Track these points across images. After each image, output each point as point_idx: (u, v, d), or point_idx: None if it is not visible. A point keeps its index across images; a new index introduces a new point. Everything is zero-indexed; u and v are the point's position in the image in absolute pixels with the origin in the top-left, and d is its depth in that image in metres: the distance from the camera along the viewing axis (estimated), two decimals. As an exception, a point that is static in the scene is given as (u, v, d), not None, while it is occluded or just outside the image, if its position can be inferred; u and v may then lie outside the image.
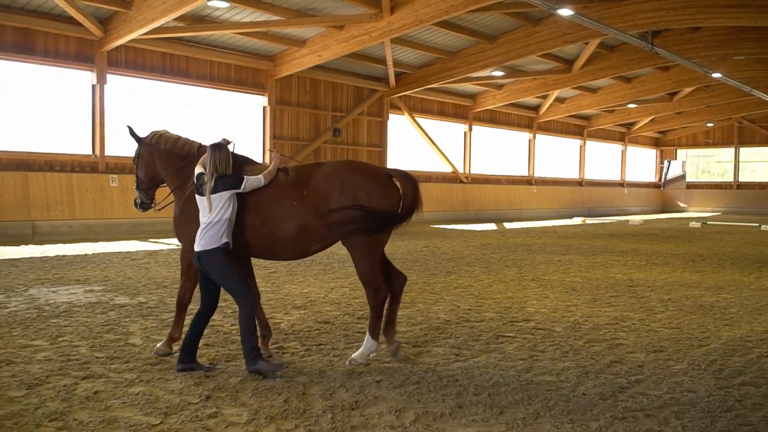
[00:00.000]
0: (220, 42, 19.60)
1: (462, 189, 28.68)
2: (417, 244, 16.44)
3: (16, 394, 4.67)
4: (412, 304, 8.42)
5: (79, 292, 8.70)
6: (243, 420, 4.29)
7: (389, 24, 17.76)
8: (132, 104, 18.34)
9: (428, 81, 24.00)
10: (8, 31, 15.64)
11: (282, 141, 21.79)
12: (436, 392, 4.90)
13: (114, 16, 16.47)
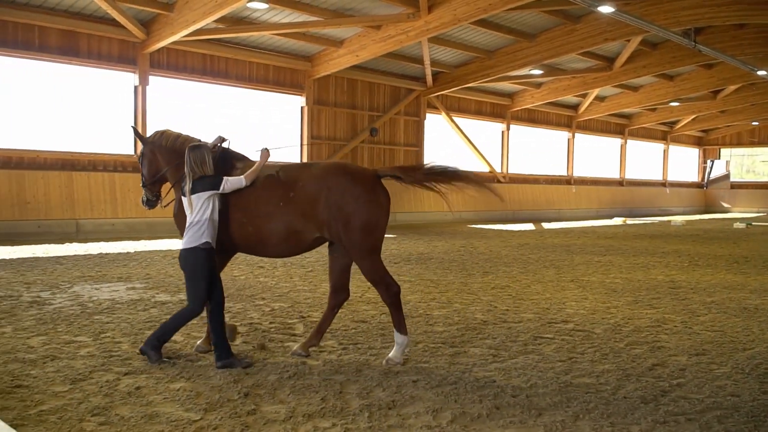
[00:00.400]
0: (259, 43, 19.80)
1: (499, 189, 28.35)
2: (454, 243, 16.38)
3: (60, 389, 4.78)
4: (449, 304, 8.39)
5: (122, 290, 8.87)
6: (281, 417, 4.32)
7: (427, 23, 17.73)
8: (173, 105, 18.63)
9: (465, 80, 23.89)
10: (53, 33, 16.03)
11: (319, 141, 21.92)
12: (473, 393, 4.88)
13: (156, 19, 16.76)
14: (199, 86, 19.12)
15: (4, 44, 15.29)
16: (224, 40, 18.99)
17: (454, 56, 23.28)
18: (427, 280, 10.37)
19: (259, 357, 5.73)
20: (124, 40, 17.09)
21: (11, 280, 9.31)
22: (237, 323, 6.96)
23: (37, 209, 15.52)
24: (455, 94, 26.38)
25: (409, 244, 15.91)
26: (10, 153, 15.55)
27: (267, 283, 9.69)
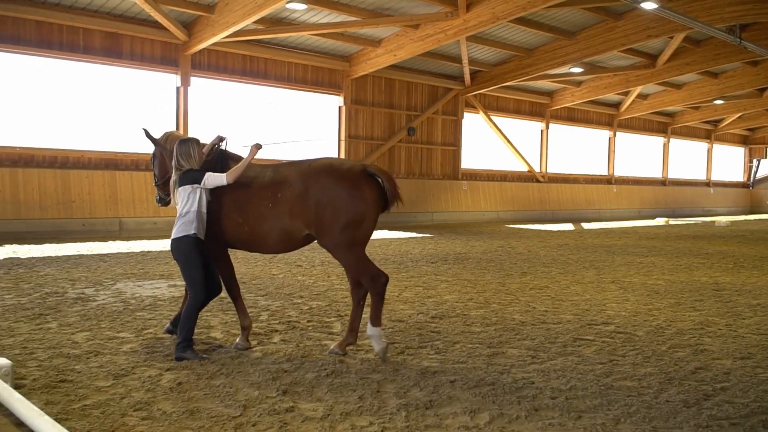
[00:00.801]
0: (298, 43, 19.94)
1: (538, 188, 28.23)
2: (492, 243, 16.28)
3: (103, 384, 4.88)
4: (487, 304, 8.35)
5: (163, 287, 9.02)
6: (318, 415, 4.35)
7: (465, 22, 17.65)
8: (213, 105, 18.88)
9: (504, 79, 23.72)
10: (97, 35, 16.38)
11: (357, 140, 21.99)
12: (511, 394, 4.84)
13: (197, 20, 17.00)
14: (238, 87, 19.34)
15: (50, 46, 15.68)
16: (263, 41, 19.17)
17: (492, 55, 23.13)
18: (464, 280, 10.32)
19: (297, 354, 5.77)
20: (167, 41, 17.37)
21: (57, 277, 9.54)
22: (275, 321, 7.03)
23: (82, 208, 15.89)
24: (493, 93, 26.21)
25: (446, 244, 15.87)
26: (55, 153, 15.93)
27: (305, 281, 9.76)
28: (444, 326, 7.03)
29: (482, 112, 26.05)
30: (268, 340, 6.26)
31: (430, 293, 9.02)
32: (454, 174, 25.32)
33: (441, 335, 6.62)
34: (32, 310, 7.27)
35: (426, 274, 10.78)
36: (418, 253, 13.87)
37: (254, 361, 5.52)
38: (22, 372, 5.04)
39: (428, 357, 5.81)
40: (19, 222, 14.84)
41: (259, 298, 8.38)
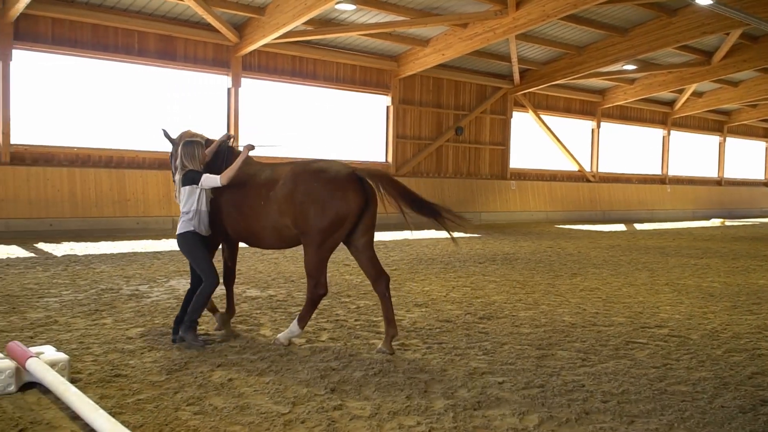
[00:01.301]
0: (346, 44, 20.05)
1: (589, 188, 27.78)
2: (540, 244, 16.10)
3: (157, 378, 4.99)
4: (536, 305, 8.26)
5: (214, 285, 9.17)
6: (366, 414, 4.37)
7: (514, 20, 17.49)
8: (263, 106, 19.12)
9: (554, 77, 23.41)
10: (151, 38, 16.76)
11: (404, 140, 21.99)
12: (561, 397, 4.78)
13: (248, 22, 17.25)
14: (287, 87, 19.54)
15: (106, 49, 16.11)
16: (312, 42, 19.34)
17: (542, 53, 22.86)
18: (512, 280, 10.23)
19: (345, 353, 5.80)
20: (218, 43, 17.67)
21: (112, 274, 9.80)
22: (323, 320, 7.09)
23: (136, 206, 16.28)
24: (543, 92, 25.90)
25: (494, 244, 15.75)
26: (111, 153, 16.36)
27: (352, 281, 9.81)
28: (492, 327, 6.98)
29: (531, 111, 25.77)
30: (317, 338, 6.31)
31: (478, 294, 8.97)
32: (503, 173, 25.11)
33: (489, 336, 6.57)
34: (88, 306, 7.48)
35: (474, 275, 10.72)
36: (466, 253, 13.80)
37: (303, 358, 5.58)
38: (79, 366, 5.19)
39: (476, 358, 5.78)
40: (77, 220, 15.29)
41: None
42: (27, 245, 12.92)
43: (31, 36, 15.12)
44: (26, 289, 8.35)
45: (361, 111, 21.44)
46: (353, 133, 21.21)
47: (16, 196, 14.65)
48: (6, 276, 9.32)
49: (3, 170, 14.61)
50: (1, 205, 14.47)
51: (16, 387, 4.58)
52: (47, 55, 15.56)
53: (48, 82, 15.80)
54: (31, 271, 9.86)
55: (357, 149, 21.25)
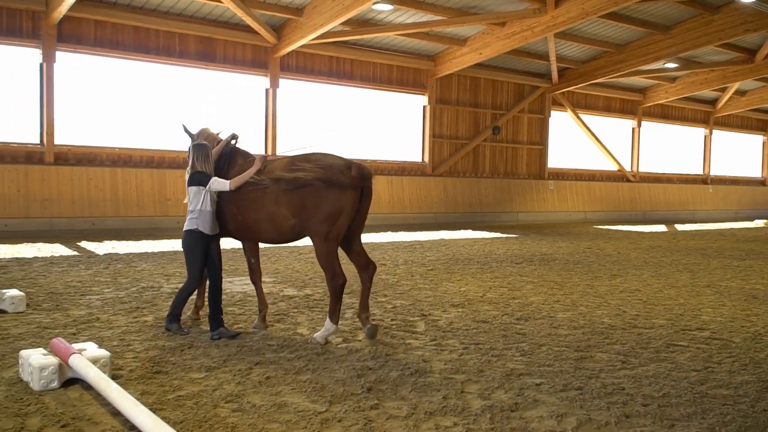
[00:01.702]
0: (383, 44, 20.07)
1: (629, 188, 27.36)
2: (579, 245, 15.90)
3: (197, 375, 5.06)
4: (574, 306, 8.16)
5: (252, 283, 9.26)
6: (403, 414, 4.36)
7: (553, 18, 17.31)
8: (300, 106, 19.24)
9: (594, 76, 23.10)
10: (191, 40, 16.99)
11: (441, 140, 21.92)
12: (600, 399, 4.72)
13: (286, 23, 17.38)
14: (325, 88, 19.63)
15: (147, 51, 16.38)
16: (350, 42, 19.40)
17: (581, 51, 22.57)
18: (550, 281, 10.12)
19: (381, 352, 5.80)
20: (257, 45, 17.84)
21: (153, 272, 9.96)
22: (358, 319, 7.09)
23: (177, 206, 16.52)
24: (582, 91, 25.58)
25: (531, 245, 15.61)
26: (152, 153, 16.64)
27: (388, 280, 9.81)
28: (530, 328, 6.92)
29: (570, 110, 25.48)
30: (353, 338, 6.33)
31: (515, 294, 8.90)
32: (541, 173, 24.88)
33: (526, 337, 6.51)
34: (130, 304, 7.62)
35: (511, 275, 10.64)
36: (503, 253, 13.70)
37: (339, 358, 5.60)
38: (120, 363, 5.29)
39: (513, 359, 5.73)
40: (118, 219, 15.59)
41: (344, 296, 8.46)
42: (70, 244, 13.21)
43: (74, 38, 15.45)
44: (69, 287, 8.54)
45: (398, 111, 21.43)
46: (390, 133, 21.22)
47: (60, 196, 14.99)
48: (50, 274, 9.54)
49: (47, 170, 14.97)
50: (45, 204, 14.82)
51: (59, 383, 4.68)
52: (90, 57, 15.89)
53: (90, 83, 16.13)
54: (74, 269, 10.08)
55: (393, 149, 21.26)
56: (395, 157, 21.17)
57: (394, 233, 17.65)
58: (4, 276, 9.19)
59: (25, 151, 15.07)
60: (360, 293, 6.49)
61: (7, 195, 14.45)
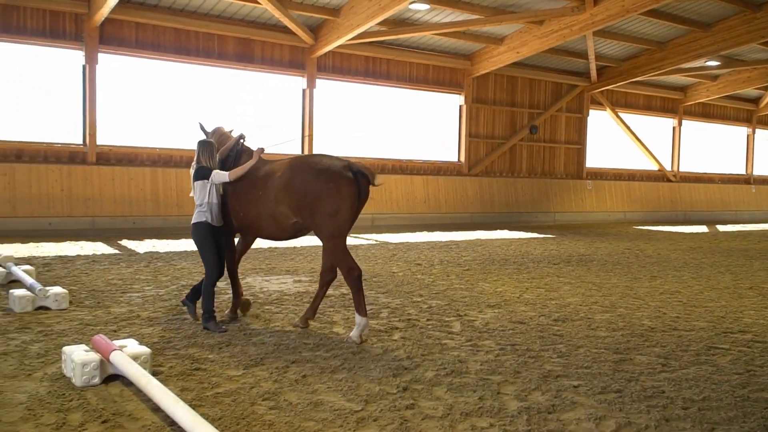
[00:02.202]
0: (420, 43, 20.05)
1: (669, 188, 26.89)
2: (618, 245, 15.68)
3: (235, 373, 5.12)
4: (613, 308, 8.05)
5: (289, 282, 9.34)
6: (438, 414, 4.36)
7: (592, 16, 17.09)
8: (337, 106, 19.33)
9: (633, 74, 22.75)
10: (230, 41, 17.19)
11: (477, 139, 21.82)
12: (639, 402, 4.65)
13: (323, 24, 17.48)
14: (361, 87, 19.69)
15: (187, 52, 16.62)
16: (386, 42, 19.42)
17: (620, 49, 22.25)
18: (588, 282, 10.01)
19: (417, 352, 5.79)
20: (294, 45, 17.98)
21: (192, 271, 10.10)
22: (395, 319, 7.11)
23: (215, 205, 16.72)
24: (621, 89, 25.22)
25: (569, 245, 15.44)
26: (192, 153, 16.78)
27: (424, 280, 9.80)
28: (567, 329, 6.85)
29: (609, 108, 25.13)
30: (389, 337, 6.33)
31: (552, 295, 8.81)
32: (579, 173, 24.60)
33: (564, 338, 6.45)
34: (169, 302, 7.74)
35: (548, 276, 10.54)
36: (540, 254, 13.58)
37: (375, 357, 5.61)
38: (160, 360, 5.37)
39: (550, 360, 5.68)
40: (158, 218, 15.84)
41: (380, 295, 8.50)
42: (111, 242, 13.48)
43: (116, 40, 15.75)
44: (110, 285, 8.72)
45: (434, 111, 21.39)
46: (426, 132, 21.19)
47: (102, 195, 15.30)
48: (92, 272, 9.74)
49: (90, 170, 15.28)
50: (88, 203, 15.14)
51: (101, 379, 4.78)
52: (131, 58, 16.17)
53: (131, 84, 16.42)
54: (116, 267, 10.27)
55: (429, 149, 21.22)
56: (431, 156, 21.14)
57: (429, 233, 17.62)
58: (47, 273, 9.42)
59: (68, 152, 15.41)
60: (314, 296, 6.80)
61: (51, 194, 14.80)
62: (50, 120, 15.51)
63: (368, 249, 13.76)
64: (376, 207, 19.35)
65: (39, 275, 8.98)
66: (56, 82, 15.53)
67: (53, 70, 15.49)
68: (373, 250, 13.48)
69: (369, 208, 19.44)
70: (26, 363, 5.20)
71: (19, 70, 15.14)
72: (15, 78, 15.10)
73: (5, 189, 14.35)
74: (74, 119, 15.66)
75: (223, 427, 4.06)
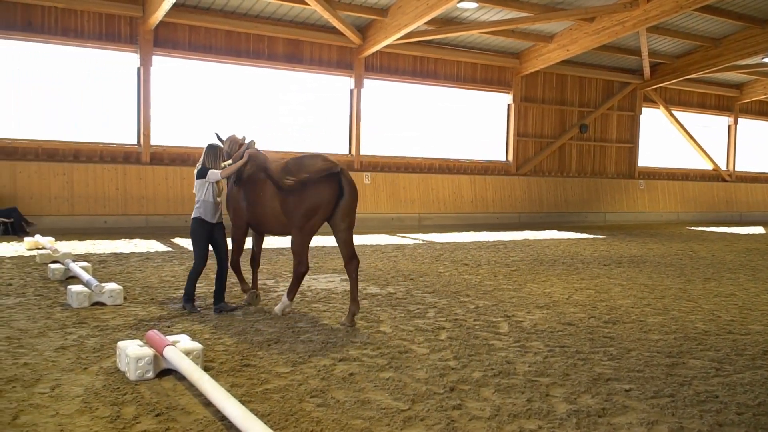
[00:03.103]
0: (467, 42, 19.94)
1: (724, 188, 26.17)
2: (671, 247, 15.34)
3: (283, 370, 5.18)
4: (666, 311, 7.88)
5: (336, 281, 9.41)
6: (486, 415, 4.33)
7: (645, 12, 16.75)
8: (384, 106, 19.37)
9: (688, 71, 22.21)
10: (280, 42, 17.40)
11: (526, 138, 21.61)
12: (692, 407, 4.55)
13: (371, 24, 17.54)
14: (408, 87, 19.69)
15: (238, 54, 16.88)
16: (434, 41, 19.38)
17: (674, 46, 21.75)
18: (640, 284, 9.81)
19: (464, 352, 5.77)
20: (342, 46, 18.09)
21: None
22: (442, 319, 7.10)
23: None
24: (675, 87, 24.64)
25: (620, 246, 15.16)
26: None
27: (471, 280, 9.75)
28: (618, 332, 6.74)
29: (662, 106, 24.59)
30: (435, 337, 6.33)
31: (603, 297, 8.67)
32: (630, 172, 24.14)
33: (615, 341, 6.35)
34: (220, 299, 7.86)
35: (598, 277, 10.38)
36: (590, 254, 13.38)
37: (421, 357, 5.61)
38: (211, 355, 5.48)
39: (601, 363, 5.59)
40: (209, 217, 16.11)
41: (426, 294, 8.49)
42: (164, 240, 13.78)
43: (169, 43, 16.09)
44: (164, 281, 8.91)
45: (482, 110, 21.25)
46: (473, 132, 21.07)
47: (155, 194, 15.66)
48: (146, 269, 9.98)
49: (144, 170, 15.66)
50: (142, 202, 15.52)
51: (154, 373, 4.90)
52: (183, 60, 16.50)
53: (184, 85, 16.75)
54: (168, 264, 10.50)
55: (477, 148, 21.10)
56: (478, 156, 21.01)
57: (476, 233, 17.52)
58: (103, 270, 9.69)
59: (123, 152, 15.82)
60: (349, 287, 7.08)
61: (107, 193, 15.21)
62: (106, 121, 15.94)
63: (415, 249, 13.76)
64: (423, 207, 19.34)
65: (95, 272, 9.25)
66: (112, 84, 15.95)
67: (109, 72, 15.91)
68: (419, 250, 13.47)
69: (416, 208, 19.53)
70: (83, 357, 5.36)
71: (77, 73, 15.60)
72: (73, 80, 15.56)
73: (63, 188, 14.81)
74: (129, 120, 16.06)
75: (272, 423, 4.11)
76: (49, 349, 5.55)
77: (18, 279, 8.79)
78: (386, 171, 19.09)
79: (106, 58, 15.78)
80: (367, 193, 18.35)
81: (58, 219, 14.64)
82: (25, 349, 5.55)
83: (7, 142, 14.63)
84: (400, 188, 19.07)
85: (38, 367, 5.08)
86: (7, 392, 4.52)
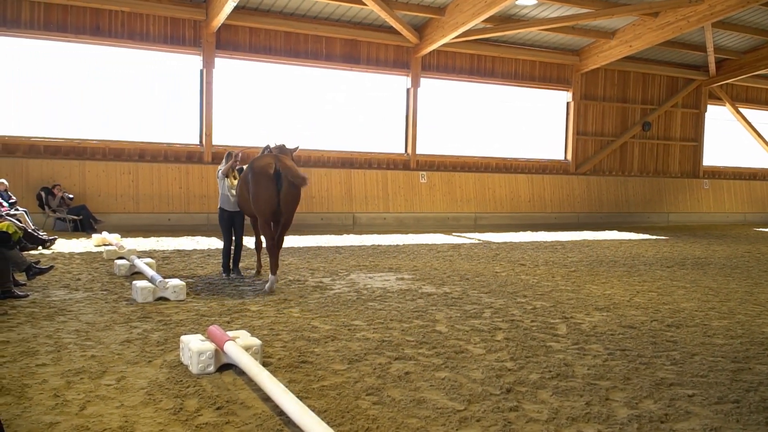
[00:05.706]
0: (525, 40, 19.71)
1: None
2: (737, 248, 14.84)
3: (339, 367, 5.23)
4: (731, 314, 7.64)
5: (392, 279, 9.44)
6: (543, 417, 4.28)
7: (711, 7, 16.25)
8: (441, 104, 19.32)
9: (756, 67, 21.45)
10: (337, 43, 17.55)
11: (585, 137, 21.24)
12: (758, 414, 4.40)
13: (428, 23, 17.52)
14: (465, 86, 19.58)
15: (297, 55, 17.10)
16: (491, 39, 19.22)
17: (741, 41, 21.02)
18: (704, 287, 9.53)
19: (521, 354, 5.71)
20: (399, 45, 18.13)
21: (299, 267, 10.39)
22: (499, 319, 7.05)
23: (321, 203, 17.15)
24: (742, 83, 23.82)
25: (683, 247, 14.75)
26: (299, 153, 17.31)
27: (528, 281, 9.64)
28: (681, 336, 6.56)
29: (729, 104, 23.81)
30: (492, 338, 6.28)
31: (665, 300, 8.46)
32: (695, 172, 23.46)
33: (678, 345, 6.18)
34: (278, 296, 7.99)
35: (660, 279, 10.12)
36: (652, 256, 13.06)
37: (477, 357, 5.58)
38: (269, 351, 5.57)
39: (663, 367, 5.46)
40: (268, 215, 16.37)
41: (483, 295, 8.44)
42: (225, 237, 14.04)
43: (231, 45, 16.42)
44: (224, 278, 9.10)
45: (540, 108, 20.98)
46: (531, 130, 20.83)
47: (217, 193, 15.95)
48: (207, 265, 10.21)
49: (206, 169, 16.02)
50: (203, 200, 15.87)
51: (215, 368, 5.01)
52: (244, 62, 16.80)
53: (244, 86, 17.05)
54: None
55: (535, 147, 20.85)
56: (536, 155, 20.75)
57: (534, 233, 17.31)
58: (167, 266, 9.96)
59: (186, 151, 16.21)
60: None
61: (171, 192, 15.62)
62: (170, 122, 16.37)
63: (471, 248, 13.68)
64: (479, 206, 19.22)
65: (159, 268, 9.52)
66: (176, 86, 16.37)
67: (173, 74, 16.33)
68: (475, 250, 13.39)
69: (472, 207, 19.41)
70: (147, 350, 5.52)
71: (143, 75, 16.06)
72: (139, 82, 16.03)
73: (129, 187, 15.28)
74: (192, 121, 16.46)
75: (329, 419, 4.16)
76: (115, 342, 5.74)
77: (86, 274, 9.12)
78: (442, 170, 19.05)
79: (171, 61, 16.21)
80: (422, 192, 18.35)
81: (124, 216, 15.12)
82: (92, 342, 5.76)
83: (77, 143, 15.19)
84: (456, 187, 18.99)
85: (104, 359, 5.26)
86: (75, 383, 4.69)
